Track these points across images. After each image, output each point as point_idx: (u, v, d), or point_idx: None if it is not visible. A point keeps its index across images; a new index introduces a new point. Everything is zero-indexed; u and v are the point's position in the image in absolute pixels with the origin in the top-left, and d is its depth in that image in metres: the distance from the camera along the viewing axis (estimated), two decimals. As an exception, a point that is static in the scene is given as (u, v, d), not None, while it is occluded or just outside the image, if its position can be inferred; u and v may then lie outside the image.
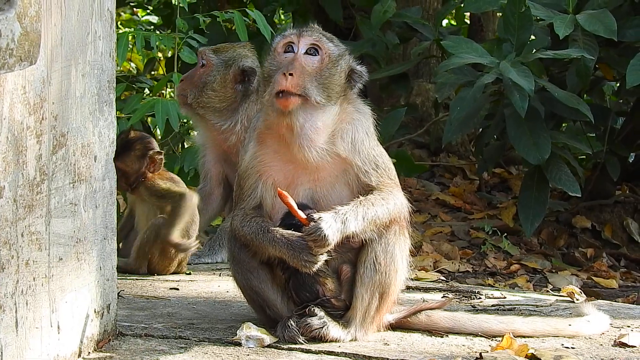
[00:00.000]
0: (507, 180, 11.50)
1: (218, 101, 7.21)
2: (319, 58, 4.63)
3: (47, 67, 3.87)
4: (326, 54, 4.64)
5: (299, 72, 4.55)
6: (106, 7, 4.30)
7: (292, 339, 4.54)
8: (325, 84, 4.60)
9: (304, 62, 4.60)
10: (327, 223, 4.42)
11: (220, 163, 7.47)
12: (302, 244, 4.47)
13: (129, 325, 4.79)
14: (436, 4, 12.17)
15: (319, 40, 4.65)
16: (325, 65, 4.63)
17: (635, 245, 9.91)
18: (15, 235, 3.72)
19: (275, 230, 4.56)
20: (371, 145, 4.71)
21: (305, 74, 4.56)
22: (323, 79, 4.60)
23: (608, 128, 9.96)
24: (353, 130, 4.67)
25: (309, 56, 4.62)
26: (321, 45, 4.64)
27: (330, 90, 4.62)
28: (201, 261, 7.25)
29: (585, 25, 8.75)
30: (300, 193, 4.66)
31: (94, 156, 4.24)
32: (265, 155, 4.70)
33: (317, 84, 4.57)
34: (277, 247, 4.53)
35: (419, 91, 12.17)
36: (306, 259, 4.47)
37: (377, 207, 4.57)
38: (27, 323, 3.81)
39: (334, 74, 4.64)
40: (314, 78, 4.58)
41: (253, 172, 4.71)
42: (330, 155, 4.62)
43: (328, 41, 4.68)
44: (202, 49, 7.39)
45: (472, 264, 8.94)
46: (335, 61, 4.66)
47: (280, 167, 4.68)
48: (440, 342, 4.72)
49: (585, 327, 4.95)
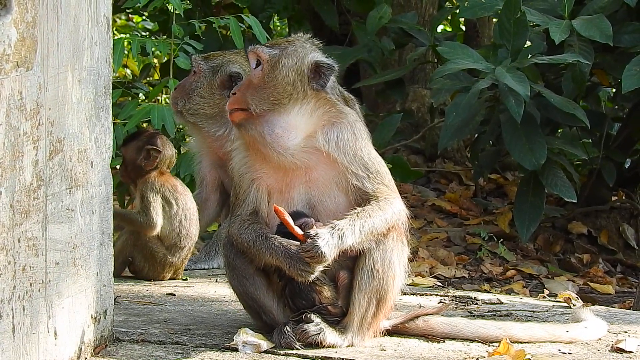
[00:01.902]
0: (503, 186, 11.51)
1: (208, 107, 7.22)
2: (261, 67, 4.72)
3: (44, 72, 3.87)
4: (265, 61, 4.71)
5: (242, 89, 4.69)
6: (102, 13, 4.30)
7: (288, 345, 4.53)
8: (270, 89, 4.66)
9: (252, 76, 4.73)
10: (324, 240, 4.42)
11: (216, 169, 7.47)
12: (299, 253, 4.48)
13: (126, 331, 4.78)
14: (432, 10, 12.18)
15: (257, 50, 4.74)
16: (267, 72, 4.70)
17: (631, 251, 9.92)
18: (12, 241, 3.72)
19: (273, 239, 4.56)
20: (358, 146, 4.69)
21: (250, 88, 4.68)
22: (266, 86, 4.67)
23: (604, 134, 9.98)
24: (337, 131, 4.66)
25: (255, 69, 4.74)
26: (260, 54, 4.73)
27: (279, 94, 4.65)
28: (197, 267, 7.26)
29: (581, 30, 8.77)
30: (295, 197, 4.65)
31: (91, 162, 4.24)
32: (254, 160, 4.72)
33: (260, 94, 4.66)
34: (275, 255, 4.53)
35: (415, 97, 12.19)
36: (303, 268, 4.47)
37: (375, 217, 4.57)
38: (24, 329, 3.80)
39: (277, 76, 4.68)
40: (259, 88, 4.67)
41: (245, 179, 4.73)
42: (311, 151, 4.63)
43: (267, 48, 4.76)
44: (194, 57, 7.41)
45: (468, 270, 8.95)
46: (275, 64, 4.70)
47: (271, 172, 4.69)
48: (437, 348, 4.71)
49: (582, 332, 4.94)
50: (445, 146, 9.46)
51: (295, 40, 4.82)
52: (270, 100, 4.65)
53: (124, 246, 6.59)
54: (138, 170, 6.62)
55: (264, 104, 4.64)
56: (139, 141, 6.64)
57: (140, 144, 6.63)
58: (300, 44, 4.78)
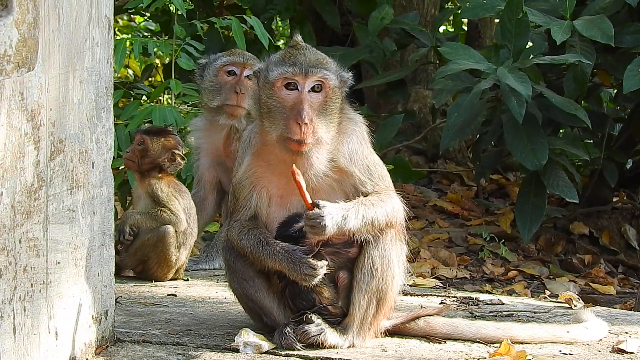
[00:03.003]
0: (504, 186, 11.51)
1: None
2: (323, 93, 4.58)
3: (45, 73, 3.87)
4: (329, 88, 4.59)
5: (310, 118, 4.50)
6: (104, 13, 4.30)
7: (289, 346, 4.53)
8: (330, 115, 4.58)
9: (310, 101, 4.55)
10: (330, 214, 4.41)
11: (214, 167, 7.45)
12: (302, 258, 4.49)
13: (127, 332, 4.78)
14: (434, 11, 12.18)
15: (324, 77, 4.57)
16: (330, 99, 4.59)
17: (632, 252, 9.92)
18: (13, 242, 3.72)
19: (275, 244, 4.57)
20: (365, 154, 4.70)
21: (315, 115, 4.52)
22: (328, 112, 4.58)
23: (606, 134, 9.97)
24: (349, 142, 4.66)
25: (314, 93, 4.57)
26: (326, 81, 4.58)
27: (334, 117, 4.61)
28: (199, 267, 7.25)
29: (582, 31, 8.76)
30: (294, 202, 4.66)
31: (92, 162, 4.24)
32: (259, 167, 4.69)
33: (324, 121, 4.56)
34: (277, 260, 4.54)
35: (417, 98, 12.18)
36: (306, 272, 4.48)
37: (377, 208, 4.57)
38: (25, 329, 3.80)
39: (335, 101, 4.62)
40: (321, 114, 4.55)
41: (247, 184, 4.70)
42: (333, 171, 4.63)
43: (330, 72, 4.61)
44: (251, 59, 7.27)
45: (470, 271, 8.95)
46: (336, 90, 4.62)
47: (275, 179, 4.67)
48: (438, 349, 4.71)
49: (583, 333, 4.94)
50: (446, 146, 9.46)
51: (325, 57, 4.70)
52: (333, 126, 4.60)
53: (144, 245, 6.56)
54: (153, 166, 6.60)
55: (331, 131, 4.58)
56: (167, 140, 6.62)
57: (167, 144, 6.61)
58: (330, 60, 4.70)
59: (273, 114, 4.56)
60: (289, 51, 4.64)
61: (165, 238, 6.50)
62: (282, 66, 4.58)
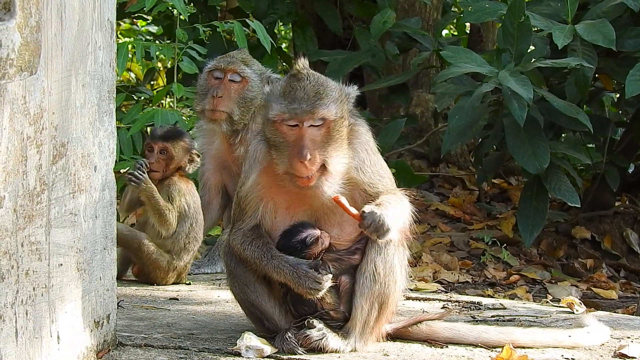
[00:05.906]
0: (506, 190, 11.51)
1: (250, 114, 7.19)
2: (325, 127, 4.51)
3: (47, 77, 3.88)
4: (331, 121, 4.52)
5: (313, 153, 4.46)
6: (106, 17, 4.30)
7: (290, 350, 4.54)
8: (336, 142, 4.53)
9: (312, 136, 4.50)
10: (384, 215, 4.42)
11: (220, 172, 7.46)
12: (307, 272, 4.51)
13: (129, 336, 4.78)
14: (436, 15, 12.19)
15: (324, 115, 4.48)
16: (333, 129, 4.52)
17: (634, 256, 9.91)
18: (15, 245, 3.72)
19: (279, 257, 4.57)
20: (373, 162, 4.69)
21: (319, 150, 4.47)
22: (333, 141, 4.52)
23: (607, 139, 9.97)
24: (356, 153, 4.64)
25: (315, 128, 4.50)
26: (326, 116, 4.50)
27: (341, 143, 4.56)
28: (201, 271, 7.26)
29: (584, 35, 8.76)
30: (300, 213, 4.66)
31: (94, 166, 4.24)
32: (267, 183, 4.66)
33: (331, 149, 4.51)
34: (282, 274, 4.55)
35: (419, 101, 12.19)
36: (311, 286, 4.50)
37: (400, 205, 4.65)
38: (27, 333, 3.80)
39: (340, 130, 4.56)
40: (326, 145, 4.50)
41: (254, 197, 4.68)
42: (344, 182, 4.61)
43: (331, 105, 4.52)
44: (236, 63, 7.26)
45: (472, 275, 8.94)
46: (339, 120, 4.55)
47: (283, 193, 4.65)
48: (440, 353, 4.71)
49: (585, 338, 4.94)
50: (448, 150, 9.45)
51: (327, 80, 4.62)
52: (342, 151, 4.55)
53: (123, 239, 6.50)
54: (176, 170, 6.60)
55: (340, 157, 4.54)
56: (184, 142, 6.62)
57: (186, 146, 6.62)
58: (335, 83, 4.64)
59: (278, 148, 4.53)
60: (289, 84, 4.54)
61: (141, 247, 6.49)
62: (281, 103, 4.51)
